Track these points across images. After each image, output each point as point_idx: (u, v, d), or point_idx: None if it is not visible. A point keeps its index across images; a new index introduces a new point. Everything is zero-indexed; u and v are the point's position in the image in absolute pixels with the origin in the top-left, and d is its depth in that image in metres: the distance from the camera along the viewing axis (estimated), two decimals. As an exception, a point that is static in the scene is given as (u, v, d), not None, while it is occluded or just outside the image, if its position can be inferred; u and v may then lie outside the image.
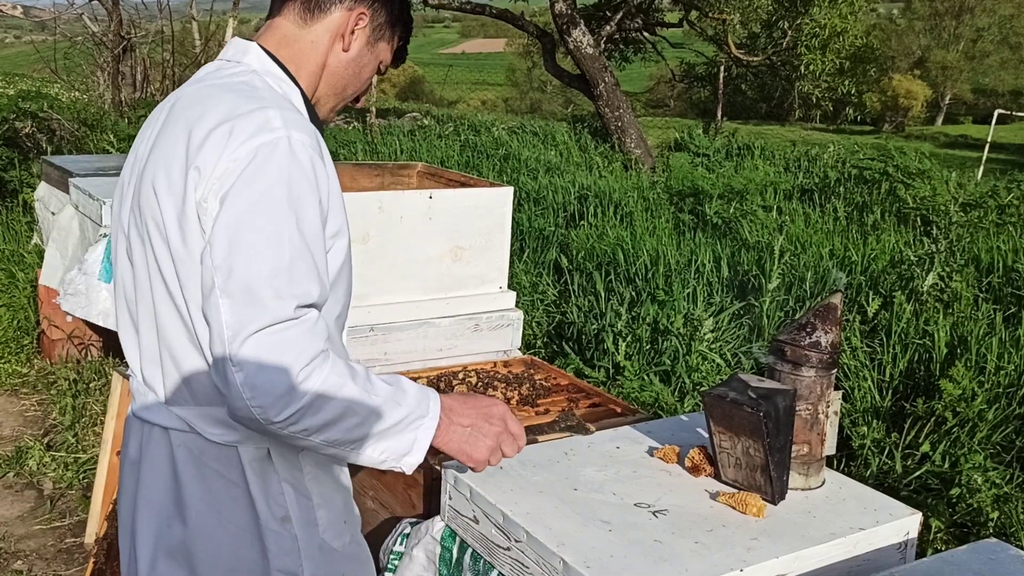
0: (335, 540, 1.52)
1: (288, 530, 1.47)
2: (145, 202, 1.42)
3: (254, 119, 1.35)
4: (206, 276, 1.32)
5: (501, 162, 10.11)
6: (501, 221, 2.77)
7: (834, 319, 1.63)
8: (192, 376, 1.44)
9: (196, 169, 1.34)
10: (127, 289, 1.52)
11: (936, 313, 4.53)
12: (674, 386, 4.09)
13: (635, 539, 1.48)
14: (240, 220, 1.31)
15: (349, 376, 1.35)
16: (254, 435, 1.44)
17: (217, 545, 1.47)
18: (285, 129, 1.35)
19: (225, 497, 1.46)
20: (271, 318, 1.29)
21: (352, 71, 1.58)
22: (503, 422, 1.51)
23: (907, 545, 1.61)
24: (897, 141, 17.20)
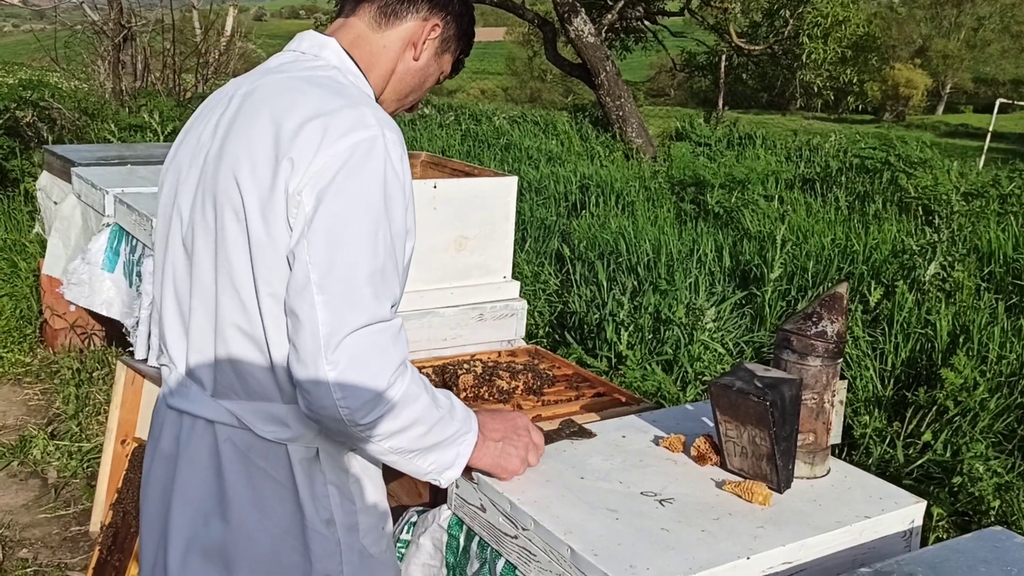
0: (373, 546, 1.53)
1: (332, 533, 1.47)
2: (222, 191, 1.39)
3: (348, 116, 1.35)
4: (299, 272, 1.31)
5: (502, 151, 10.10)
6: (505, 211, 2.77)
7: (840, 308, 1.64)
8: (248, 371, 1.42)
9: (289, 160, 1.32)
10: (178, 277, 1.48)
11: (938, 302, 4.53)
12: (676, 375, 4.10)
13: (642, 527, 1.48)
14: (340, 218, 1.31)
15: (423, 387, 1.40)
16: (306, 434, 1.43)
17: (257, 545, 1.45)
18: (379, 127, 1.35)
19: (270, 496, 1.45)
20: (369, 317, 1.30)
21: (418, 80, 1.59)
22: (527, 432, 1.60)
23: (912, 533, 1.62)
24: (898, 130, 17.18)
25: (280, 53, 1.55)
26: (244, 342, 1.41)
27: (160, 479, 1.53)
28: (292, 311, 1.32)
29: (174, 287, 1.49)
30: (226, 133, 1.42)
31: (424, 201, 2.60)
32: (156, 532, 1.54)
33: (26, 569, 3.16)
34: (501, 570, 1.57)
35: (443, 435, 1.44)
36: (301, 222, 1.31)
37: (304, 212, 1.31)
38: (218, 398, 1.45)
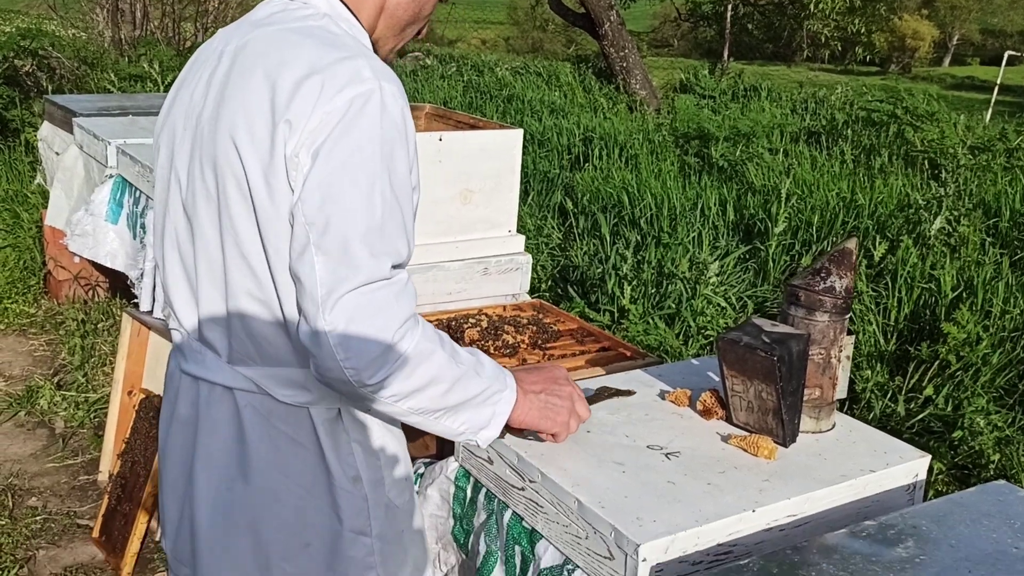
0: (398, 498, 1.54)
1: (359, 490, 1.47)
2: (222, 157, 1.35)
3: (344, 69, 1.30)
4: (299, 233, 1.28)
5: (505, 103, 10.02)
6: (511, 164, 2.75)
7: (849, 264, 1.64)
8: (263, 336, 1.40)
9: (287, 123, 1.28)
10: (181, 243, 1.45)
11: (943, 257, 4.53)
12: (679, 330, 4.11)
13: (648, 480, 1.50)
14: (334, 175, 1.27)
15: (438, 342, 1.34)
16: (326, 396, 1.42)
17: (283, 507, 1.45)
18: (376, 80, 1.30)
19: (293, 459, 1.44)
20: (366, 276, 1.26)
21: (412, 12, 1.51)
22: (568, 382, 1.53)
23: (916, 487, 1.64)
24: (904, 82, 17.01)
25: (267, 2, 1.48)
26: (257, 308, 1.39)
27: (179, 444, 1.52)
28: (295, 274, 1.30)
29: (178, 251, 1.46)
30: (220, 94, 1.38)
31: (429, 154, 2.58)
32: (178, 495, 1.53)
33: (36, 517, 3.20)
34: (508, 521, 1.58)
35: (469, 393, 1.39)
36: (299, 183, 1.28)
37: (302, 172, 1.28)
38: (235, 364, 1.43)
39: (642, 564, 1.32)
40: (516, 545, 1.57)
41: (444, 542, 1.76)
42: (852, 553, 1.26)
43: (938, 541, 1.30)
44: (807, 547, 1.27)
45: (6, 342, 4.60)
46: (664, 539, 1.34)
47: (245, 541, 1.46)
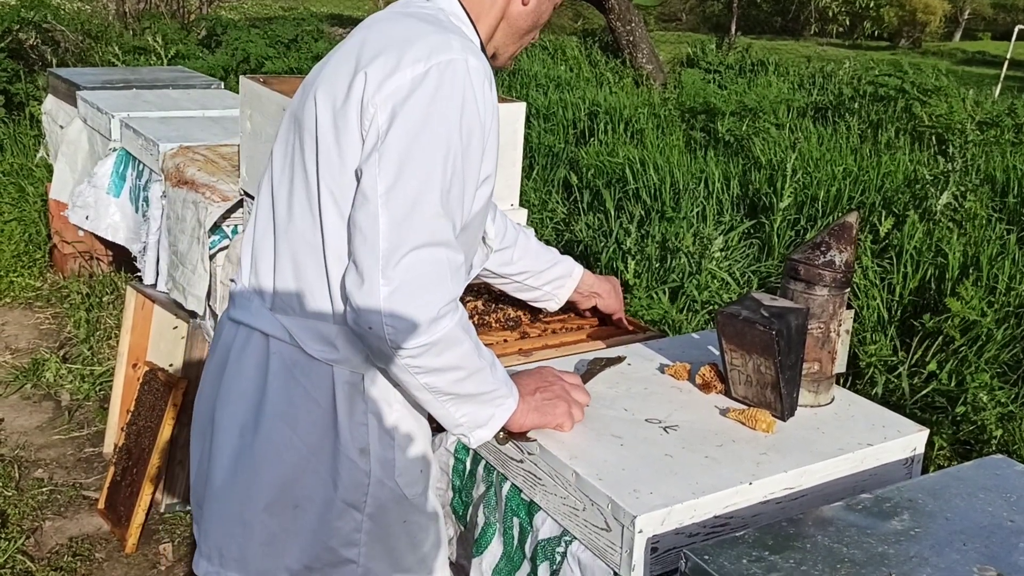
0: (408, 487, 1.53)
1: (365, 463, 1.48)
2: (306, 110, 1.42)
3: (433, 39, 1.35)
4: (367, 184, 1.31)
5: (510, 77, 9.96)
6: (513, 137, 2.74)
7: (849, 238, 1.63)
8: (304, 285, 1.43)
9: (363, 74, 1.33)
10: (261, 195, 1.52)
11: (949, 233, 4.51)
12: (682, 304, 4.11)
13: (646, 453, 1.50)
14: (413, 135, 1.30)
15: (470, 331, 1.38)
16: (352, 358, 1.44)
17: (282, 462, 1.46)
18: (463, 52, 1.35)
19: (304, 415, 1.46)
20: (429, 236, 1.29)
21: (532, 20, 1.57)
22: (558, 378, 1.56)
23: (913, 461, 1.64)
24: (913, 57, 16.87)
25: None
26: (306, 254, 1.42)
27: (209, 391, 1.56)
28: (355, 223, 1.32)
29: (256, 206, 1.53)
30: (325, 62, 1.47)
31: (431, 127, 2.57)
32: (202, 441, 1.57)
33: (42, 488, 3.23)
34: (506, 493, 1.59)
35: (481, 388, 1.42)
36: (373, 136, 1.32)
37: (377, 126, 1.31)
38: (275, 312, 1.46)
39: (638, 536, 1.33)
40: (514, 517, 1.57)
41: (443, 514, 1.77)
42: (847, 525, 1.26)
43: (933, 514, 1.30)
44: (803, 519, 1.28)
45: (12, 315, 4.63)
46: (660, 511, 1.35)
47: (240, 489, 1.48)
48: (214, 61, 8.87)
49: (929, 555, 1.20)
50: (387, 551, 1.53)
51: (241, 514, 1.49)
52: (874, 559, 1.19)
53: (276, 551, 1.49)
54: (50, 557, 2.90)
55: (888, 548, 1.21)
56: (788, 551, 1.19)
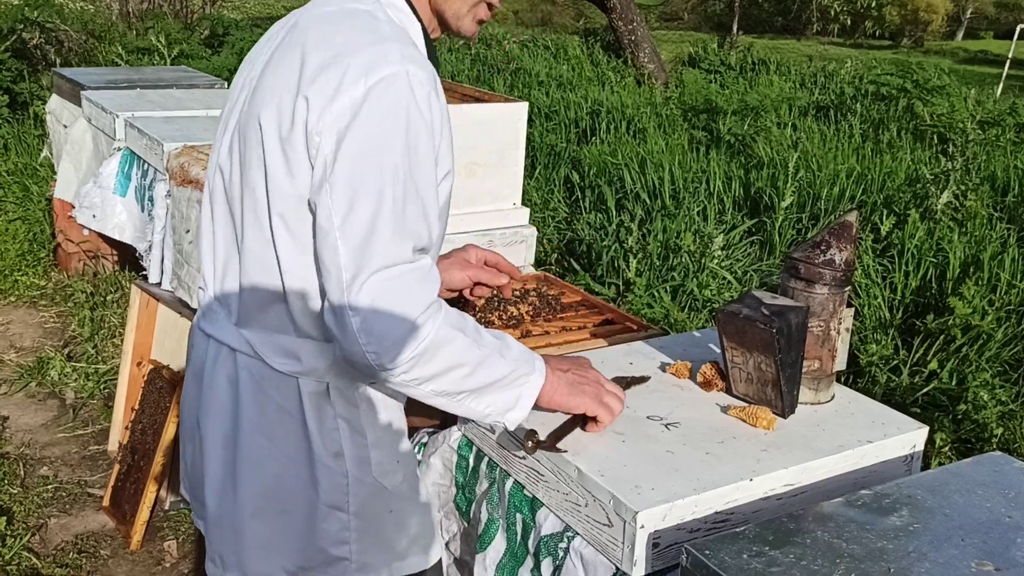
0: (386, 479, 1.53)
1: (340, 466, 1.49)
2: (251, 127, 1.40)
3: (371, 54, 1.31)
4: (322, 217, 1.30)
5: (512, 76, 9.97)
6: (515, 137, 2.76)
7: (849, 237, 1.64)
8: (263, 300, 1.44)
9: (304, 99, 1.31)
10: (215, 203, 1.51)
11: (950, 232, 4.52)
12: (684, 303, 4.13)
13: (648, 450, 1.52)
14: (358, 161, 1.29)
15: (461, 327, 1.36)
16: (316, 368, 1.45)
17: (263, 473, 1.48)
18: (402, 64, 1.31)
19: (279, 426, 1.47)
20: (388, 259, 1.28)
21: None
22: (594, 368, 1.56)
23: (913, 458, 1.65)
24: (916, 56, 16.86)
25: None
26: (261, 272, 1.42)
27: (192, 396, 1.59)
28: (320, 259, 1.32)
29: (211, 210, 1.52)
30: (264, 66, 1.44)
31: (434, 127, 2.59)
32: (191, 444, 1.60)
33: (47, 486, 3.25)
34: (509, 489, 1.61)
35: (493, 375, 1.40)
36: (321, 166, 1.30)
37: (324, 155, 1.30)
38: (240, 326, 1.47)
39: (640, 531, 1.35)
40: (517, 513, 1.59)
41: (446, 510, 1.79)
42: (847, 521, 1.28)
43: (932, 510, 1.32)
44: (803, 515, 1.29)
45: (17, 314, 4.65)
46: (662, 507, 1.36)
47: (228, 499, 1.52)
48: (218, 61, 8.90)
49: (928, 550, 1.22)
50: (379, 542, 1.55)
51: (232, 522, 1.52)
52: (873, 554, 1.20)
53: (271, 554, 1.51)
54: (55, 554, 2.92)
55: (887, 543, 1.23)
56: (788, 546, 1.21)
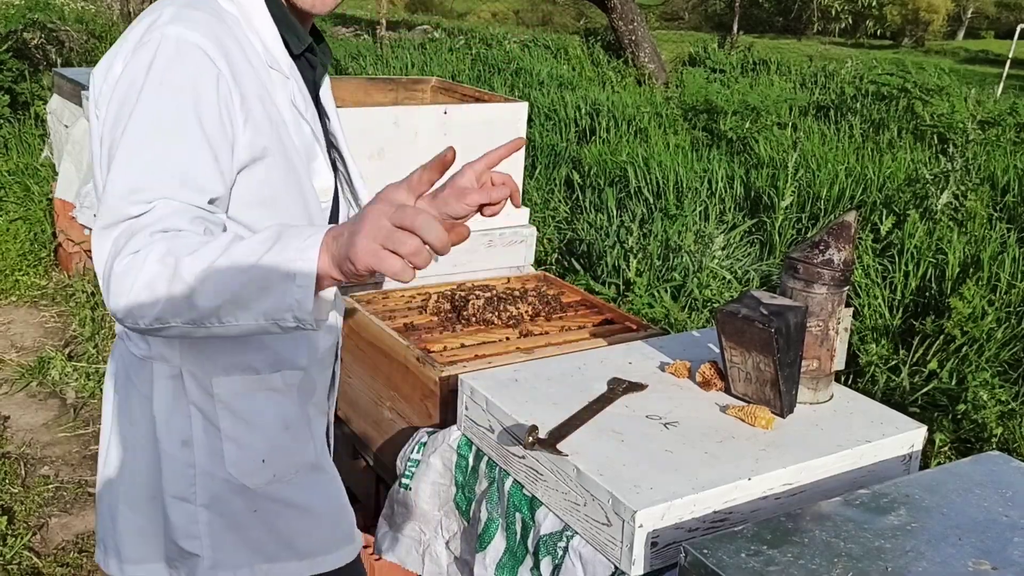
0: (247, 478, 1.45)
1: (187, 455, 1.43)
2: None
3: (145, 20, 1.31)
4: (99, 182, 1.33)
5: (513, 76, 9.98)
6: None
7: (848, 237, 1.65)
8: None
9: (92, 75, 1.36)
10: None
11: (949, 232, 4.52)
12: (684, 302, 4.13)
13: (647, 449, 1.52)
14: (117, 124, 1.25)
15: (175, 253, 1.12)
16: (166, 352, 1.42)
17: (132, 458, 1.46)
18: (164, 27, 1.26)
19: (138, 411, 1.45)
20: (111, 217, 1.19)
21: None
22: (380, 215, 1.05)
23: (911, 457, 1.66)
24: (916, 56, 16.86)
25: None
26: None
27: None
28: None
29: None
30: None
31: (434, 127, 2.60)
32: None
33: (48, 485, 3.25)
34: (509, 489, 1.61)
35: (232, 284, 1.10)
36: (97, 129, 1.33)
37: (100, 119, 1.32)
38: None
39: (639, 530, 1.35)
40: (517, 512, 1.59)
41: (446, 509, 1.79)
42: (845, 520, 1.28)
43: (930, 509, 1.32)
44: (801, 514, 1.30)
45: (17, 314, 4.65)
46: (660, 506, 1.37)
47: (104, 484, 1.52)
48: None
49: (925, 549, 1.22)
50: (240, 541, 1.48)
51: (108, 507, 1.52)
52: (871, 553, 1.21)
53: (143, 542, 1.49)
54: (56, 553, 2.92)
55: (885, 542, 1.23)
56: (786, 545, 1.21)
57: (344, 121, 2.53)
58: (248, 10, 1.38)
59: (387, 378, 2.17)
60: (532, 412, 1.62)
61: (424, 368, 2.00)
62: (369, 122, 2.52)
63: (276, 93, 1.38)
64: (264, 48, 1.38)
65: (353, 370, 2.36)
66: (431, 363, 2.00)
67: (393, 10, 23.41)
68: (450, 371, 1.96)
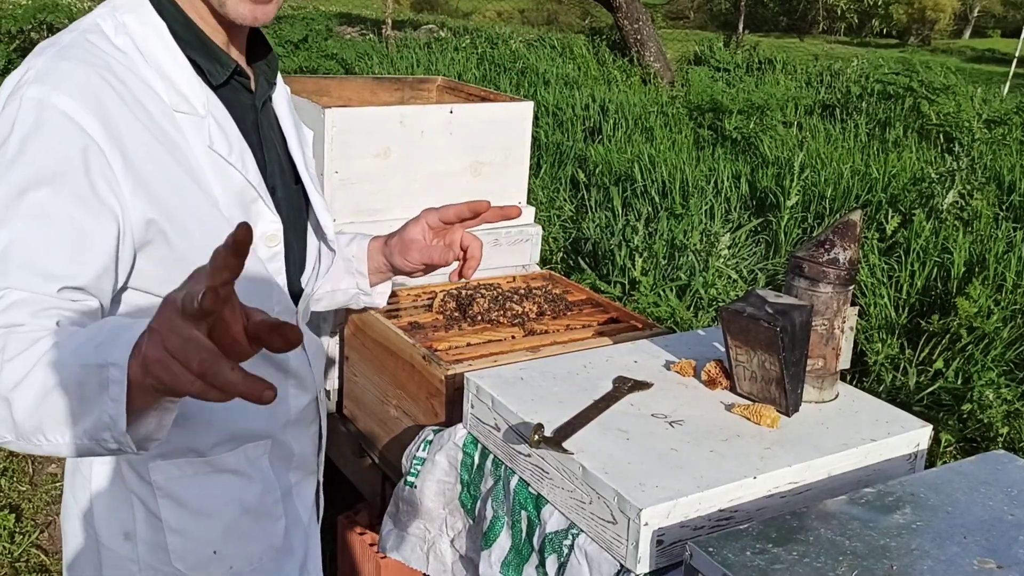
0: (196, 570, 1.30)
1: (129, 550, 1.28)
2: None
3: (14, 76, 1.13)
4: None
5: (518, 76, 9.98)
6: (521, 136, 2.77)
7: (853, 236, 1.65)
8: None
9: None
10: None
11: (955, 231, 4.52)
12: (689, 301, 4.13)
13: (652, 447, 1.52)
14: None
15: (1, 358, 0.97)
16: None
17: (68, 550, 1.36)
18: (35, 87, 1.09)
19: (80, 495, 1.32)
20: None
21: None
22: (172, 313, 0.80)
23: (917, 456, 1.66)
24: (923, 55, 16.82)
25: None
26: None
27: None
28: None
29: None
30: None
31: (440, 126, 2.60)
32: None
33: (55, 483, 3.26)
34: (514, 487, 1.62)
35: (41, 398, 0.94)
36: None
37: None
38: None
39: (644, 528, 1.35)
40: (522, 510, 1.60)
41: (451, 507, 1.80)
42: (850, 519, 1.28)
43: (935, 508, 1.32)
44: (806, 513, 1.30)
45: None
46: (666, 504, 1.37)
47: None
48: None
49: (930, 548, 1.22)
50: None
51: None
52: (876, 552, 1.21)
53: None
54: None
55: (890, 541, 1.23)
56: (791, 544, 1.22)
57: (350, 121, 2.54)
58: (144, 45, 1.18)
59: (393, 376, 2.18)
60: (538, 410, 1.62)
61: (430, 366, 2.01)
62: (376, 121, 2.52)
63: (186, 140, 1.17)
64: (167, 88, 1.17)
65: (359, 368, 2.36)
66: (437, 361, 2.00)
67: (398, 9, 23.42)
68: (456, 369, 1.96)
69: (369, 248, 1.53)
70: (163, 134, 1.15)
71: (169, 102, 1.17)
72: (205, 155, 1.19)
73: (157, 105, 1.16)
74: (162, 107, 1.16)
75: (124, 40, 1.17)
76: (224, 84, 1.24)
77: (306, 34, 12.10)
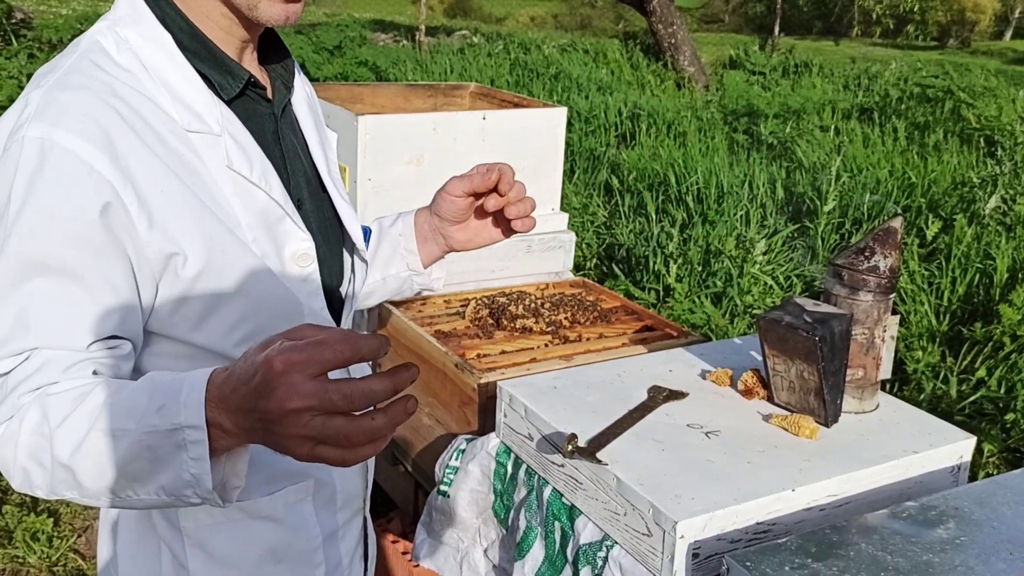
0: None
1: None
2: None
3: (11, 115, 1.05)
4: None
5: (551, 81, 9.97)
6: (554, 142, 2.75)
7: (893, 243, 1.62)
8: None
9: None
10: None
11: (998, 236, 4.43)
12: (725, 308, 4.09)
13: (687, 458, 1.50)
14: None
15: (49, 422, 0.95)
16: None
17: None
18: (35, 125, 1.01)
19: (107, 541, 1.28)
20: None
21: None
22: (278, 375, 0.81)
23: (960, 469, 1.62)
24: (962, 57, 16.59)
25: None
26: None
27: None
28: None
29: None
30: None
31: (473, 132, 2.59)
32: None
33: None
34: (548, 497, 1.60)
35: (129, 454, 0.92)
36: None
37: None
38: None
39: (680, 541, 1.33)
40: (556, 521, 1.58)
41: (484, 517, 1.79)
42: (892, 533, 1.25)
43: (980, 523, 1.29)
44: (846, 527, 1.27)
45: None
46: (702, 517, 1.34)
47: None
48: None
49: (975, 564, 1.19)
50: None
51: None
52: (919, 568, 1.18)
53: None
54: (100, 555, 2.96)
55: (933, 556, 1.20)
56: (831, 559, 1.19)
57: (383, 128, 2.54)
58: (150, 61, 1.10)
59: (425, 384, 2.17)
60: (571, 420, 1.61)
61: (463, 375, 2.00)
62: (409, 128, 2.52)
63: (202, 162, 1.10)
64: (177, 106, 1.09)
65: (392, 376, 2.36)
66: (469, 370, 1.99)
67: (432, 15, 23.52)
68: (488, 378, 1.95)
69: (416, 218, 1.49)
70: (177, 159, 1.07)
71: (181, 122, 1.09)
72: (224, 175, 1.11)
73: (168, 126, 1.08)
74: (173, 128, 1.08)
75: (127, 57, 1.09)
76: (238, 96, 1.16)
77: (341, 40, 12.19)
